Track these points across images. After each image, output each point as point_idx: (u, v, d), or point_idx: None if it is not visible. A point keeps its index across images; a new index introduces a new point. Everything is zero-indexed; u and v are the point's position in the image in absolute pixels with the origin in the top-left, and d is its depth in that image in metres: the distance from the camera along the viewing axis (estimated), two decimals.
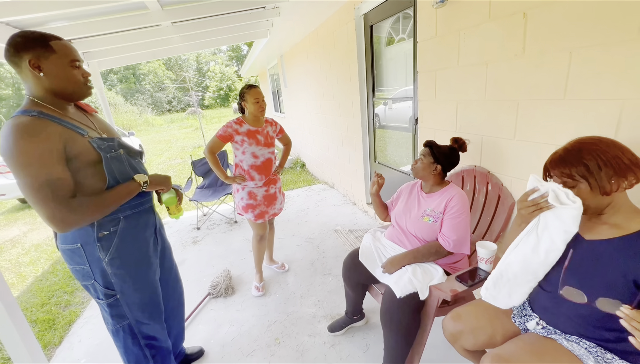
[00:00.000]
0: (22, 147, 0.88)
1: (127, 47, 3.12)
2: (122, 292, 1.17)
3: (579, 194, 0.85)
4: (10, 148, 0.88)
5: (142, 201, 1.23)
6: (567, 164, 0.88)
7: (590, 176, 0.84)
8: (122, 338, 1.24)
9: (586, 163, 0.84)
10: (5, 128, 0.90)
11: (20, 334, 1.55)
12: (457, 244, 1.42)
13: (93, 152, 1.03)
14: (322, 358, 1.66)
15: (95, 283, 1.12)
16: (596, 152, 0.84)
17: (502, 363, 0.94)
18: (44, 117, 0.95)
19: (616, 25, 1.04)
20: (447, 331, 1.19)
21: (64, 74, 1.00)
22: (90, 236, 1.07)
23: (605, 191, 0.84)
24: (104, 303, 1.16)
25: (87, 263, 1.09)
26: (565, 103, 1.23)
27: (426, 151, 1.49)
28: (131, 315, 1.21)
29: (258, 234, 2.22)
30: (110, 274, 1.12)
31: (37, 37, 0.96)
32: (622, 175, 0.82)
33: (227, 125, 2.01)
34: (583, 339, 0.93)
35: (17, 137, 0.88)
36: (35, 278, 2.92)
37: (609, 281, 0.85)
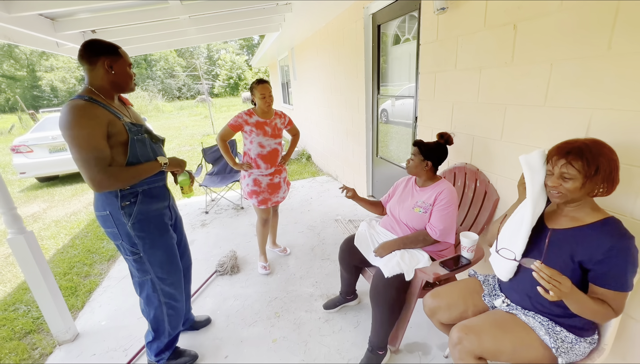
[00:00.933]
0: (79, 121, 1.14)
1: (145, 37, 3.28)
2: (144, 251, 1.39)
3: (570, 187, 0.95)
4: (69, 124, 1.13)
5: (156, 179, 1.45)
6: (583, 158, 0.92)
7: (593, 177, 0.92)
8: (145, 290, 1.47)
9: (599, 166, 0.91)
10: (65, 108, 1.14)
11: (52, 295, 1.77)
12: (442, 233, 1.57)
13: (125, 134, 1.27)
14: (317, 330, 1.84)
15: (123, 242, 1.36)
16: (609, 160, 0.92)
17: (467, 332, 1.10)
18: (94, 102, 1.20)
19: (590, 42, 1.16)
20: (427, 306, 1.36)
21: (125, 72, 1.31)
22: (115, 205, 1.30)
23: (593, 193, 0.97)
24: (130, 259, 1.39)
25: (115, 227, 1.33)
26: (545, 109, 1.36)
27: (415, 150, 1.63)
28: (152, 271, 1.44)
29: (262, 219, 2.40)
30: (133, 236, 1.35)
31: (110, 45, 1.27)
32: (610, 185, 0.94)
33: (238, 115, 2.18)
34: (538, 314, 1.09)
35: (76, 113, 1.14)
36: (57, 250, 3.16)
37: (561, 262, 1.00)
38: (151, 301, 1.48)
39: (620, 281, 0.93)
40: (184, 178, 1.60)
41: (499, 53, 1.54)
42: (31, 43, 2.52)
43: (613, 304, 0.95)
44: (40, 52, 26.26)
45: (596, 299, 0.96)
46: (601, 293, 0.96)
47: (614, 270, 0.93)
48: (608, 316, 0.96)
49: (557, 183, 0.98)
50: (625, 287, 0.94)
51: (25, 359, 1.77)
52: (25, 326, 2.03)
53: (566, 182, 0.96)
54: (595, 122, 1.19)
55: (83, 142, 1.13)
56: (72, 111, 1.14)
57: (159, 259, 1.43)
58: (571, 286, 0.91)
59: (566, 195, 0.98)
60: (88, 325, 2.01)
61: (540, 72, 1.36)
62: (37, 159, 5.44)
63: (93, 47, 1.24)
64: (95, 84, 1.26)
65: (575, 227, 1.01)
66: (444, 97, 2.00)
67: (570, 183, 0.95)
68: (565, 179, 0.96)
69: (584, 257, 0.97)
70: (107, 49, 1.25)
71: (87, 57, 1.23)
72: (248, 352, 1.72)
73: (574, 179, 0.94)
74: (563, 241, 1.02)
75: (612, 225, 0.96)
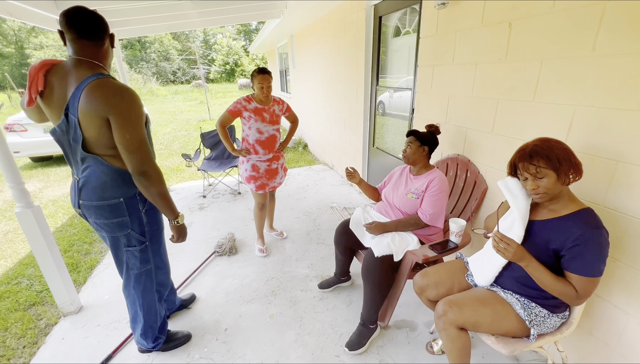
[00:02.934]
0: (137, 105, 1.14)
1: (145, 19, 3.26)
2: (151, 239, 1.39)
3: (546, 184, 1.05)
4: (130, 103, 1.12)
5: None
6: (541, 156, 1.03)
7: (560, 167, 1.02)
8: (143, 281, 1.44)
9: (557, 156, 1.03)
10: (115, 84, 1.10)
11: (58, 268, 1.84)
12: (432, 218, 1.68)
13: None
14: (312, 308, 1.95)
15: (132, 231, 1.32)
16: (562, 149, 1.04)
17: (452, 305, 1.21)
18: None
19: (577, 42, 1.24)
20: (416, 285, 1.47)
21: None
22: (132, 191, 1.27)
23: (567, 182, 1.06)
24: (137, 249, 1.36)
25: (127, 215, 1.28)
26: (534, 105, 1.45)
27: (411, 138, 1.74)
28: (153, 260, 1.44)
29: (259, 203, 2.48)
30: (145, 223, 1.35)
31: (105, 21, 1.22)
32: (576, 170, 1.04)
33: (237, 101, 2.24)
34: (516, 294, 1.20)
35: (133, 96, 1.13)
36: (56, 229, 3.20)
37: (538, 250, 1.11)
38: (147, 291, 1.47)
39: (585, 267, 1.01)
40: None
41: (494, 49, 1.62)
42: (31, 19, 2.50)
43: (577, 287, 1.03)
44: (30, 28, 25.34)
45: (561, 278, 1.06)
46: (569, 276, 1.06)
47: (581, 256, 1.02)
48: (570, 297, 1.04)
49: (535, 185, 1.07)
50: (591, 273, 1.01)
51: (32, 329, 1.84)
52: (29, 299, 2.10)
53: (542, 181, 1.05)
54: (577, 118, 1.28)
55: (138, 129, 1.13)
56: (128, 91, 1.12)
57: (159, 248, 1.45)
58: (522, 250, 1.08)
59: (547, 192, 1.07)
60: (91, 299, 2.09)
61: (531, 70, 1.44)
62: (31, 139, 5.38)
63: (102, 20, 1.16)
64: (102, 60, 1.18)
65: (553, 218, 1.11)
66: (441, 90, 2.08)
67: (545, 180, 1.04)
68: (540, 178, 1.05)
69: (558, 245, 1.06)
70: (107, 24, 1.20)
71: (96, 31, 1.14)
72: (246, 325, 1.83)
73: (547, 175, 1.03)
74: (541, 231, 1.13)
75: (586, 215, 1.05)
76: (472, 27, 1.74)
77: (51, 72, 1.13)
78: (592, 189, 1.26)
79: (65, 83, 1.11)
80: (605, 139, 1.19)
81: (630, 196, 1.14)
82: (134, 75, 23.21)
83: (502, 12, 1.54)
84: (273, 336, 1.75)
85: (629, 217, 1.16)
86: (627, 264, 1.19)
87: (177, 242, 1.40)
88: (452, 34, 1.89)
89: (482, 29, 1.68)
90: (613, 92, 1.15)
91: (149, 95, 20.49)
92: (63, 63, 1.15)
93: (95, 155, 1.17)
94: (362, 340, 1.65)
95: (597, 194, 1.25)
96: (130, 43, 28.00)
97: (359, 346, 1.64)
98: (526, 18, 1.43)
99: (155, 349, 1.62)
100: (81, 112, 1.08)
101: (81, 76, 1.10)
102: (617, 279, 1.22)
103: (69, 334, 1.80)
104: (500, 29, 1.57)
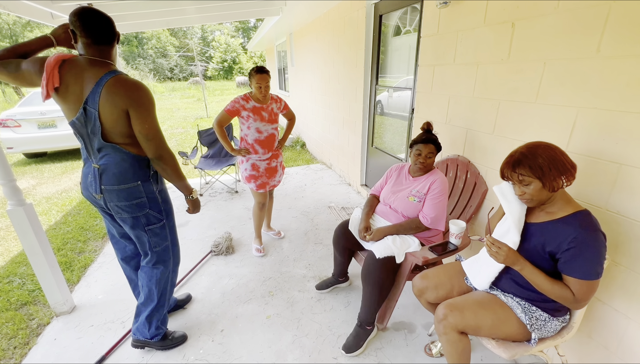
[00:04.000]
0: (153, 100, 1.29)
1: (142, 14, 3.20)
2: (167, 216, 1.51)
3: (531, 191, 1.05)
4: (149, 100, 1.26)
5: None
6: (524, 166, 1.03)
7: (543, 176, 1.02)
8: (162, 259, 1.55)
9: (540, 165, 1.02)
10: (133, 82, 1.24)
11: (50, 267, 1.80)
12: (434, 221, 1.66)
13: None
14: (309, 309, 1.93)
15: (150, 211, 1.43)
16: (547, 155, 1.02)
17: (452, 309, 1.19)
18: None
19: (581, 44, 1.23)
20: (416, 287, 1.45)
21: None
22: (147, 174, 1.39)
23: (553, 188, 1.04)
24: (157, 227, 1.48)
25: (144, 196, 1.40)
26: (536, 106, 1.44)
27: (432, 147, 1.66)
28: (170, 237, 1.56)
29: (260, 203, 2.45)
30: (160, 202, 1.46)
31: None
32: (564, 175, 1.03)
33: (235, 100, 2.20)
34: (516, 297, 1.19)
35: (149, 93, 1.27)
36: (49, 226, 3.15)
37: (535, 253, 1.10)
38: (167, 267, 1.57)
39: (582, 270, 1.00)
40: None
41: (496, 50, 1.60)
42: (25, 13, 2.45)
43: (574, 290, 1.02)
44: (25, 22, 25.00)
45: (557, 281, 1.05)
46: (566, 280, 1.04)
47: (577, 259, 1.00)
48: (569, 300, 1.03)
49: (521, 192, 1.09)
50: (587, 275, 0.99)
51: (23, 329, 1.80)
52: (21, 298, 2.06)
53: (527, 188, 1.06)
54: (580, 120, 1.27)
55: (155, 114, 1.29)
56: (144, 86, 1.26)
57: (173, 225, 1.57)
58: (514, 254, 1.09)
59: (533, 199, 1.08)
60: (85, 298, 2.06)
61: (534, 70, 1.43)
62: (25, 135, 5.31)
63: (113, 24, 1.27)
64: (114, 60, 1.31)
65: (549, 221, 1.10)
66: (441, 90, 2.06)
67: (531, 187, 1.05)
68: (525, 185, 1.06)
69: (553, 248, 1.05)
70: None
71: (111, 37, 1.27)
72: (243, 326, 1.80)
73: (531, 183, 1.04)
74: (537, 234, 1.11)
75: (581, 217, 1.04)
76: (474, 27, 1.72)
77: (65, 68, 1.21)
78: (594, 192, 1.25)
79: (82, 80, 1.21)
80: (609, 141, 1.18)
81: (632, 199, 1.13)
82: (131, 71, 23.04)
83: (505, 11, 1.53)
84: (270, 338, 1.73)
85: (630, 220, 1.15)
86: (628, 268, 1.18)
87: (193, 213, 1.59)
88: (454, 34, 1.87)
89: (484, 29, 1.66)
90: (617, 94, 1.13)
91: None
92: (76, 60, 1.23)
93: (113, 144, 1.29)
94: (359, 342, 1.64)
95: (599, 197, 1.23)
96: (127, 39, 27.73)
97: (356, 348, 1.62)
98: (529, 18, 1.42)
99: (153, 340, 1.60)
100: (102, 106, 1.20)
101: (98, 74, 1.21)
102: (618, 282, 1.22)
103: (61, 335, 1.77)
104: (503, 29, 1.55)
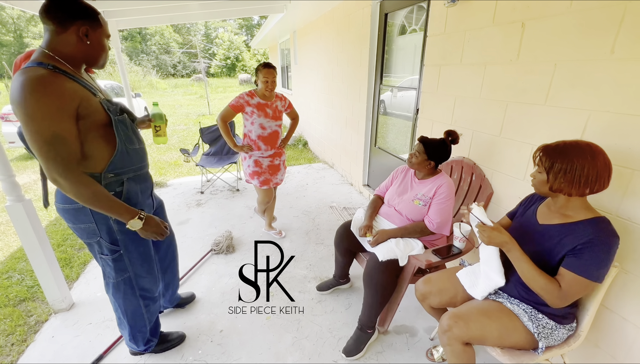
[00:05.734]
0: (36, 98, 0.87)
1: (146, 9, 3.18)
2: (125, 247, 1.23)
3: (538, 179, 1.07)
4: (22, 99, 0.87)
5: (142, 165, 1.27)
6: (547, 155, 1.02)
7: (551, 172, 1.01)
8: (122, 290, 1.32)
9: (554, 162, 1.00)
10: (19, 78, 0.89)
11: (49, 263, 1.78)
12: (439, 226, 1.63)
13: (103, 114, 1.06)
14: (310, 310, 1.91)
15: (101, 239, 1.18)
16: (578, 162, 0.97)
17: (457, 320, 1.16)
18: (59, 72, 0.96)
19: (593, 45, 1.19)
20: (419, 291, 1.42)
21: (102, 45, 1.09)
22: None
23: (554, 190, 1.03)
24: (109, 258, 1.22)
25: (93, 221, 1.13)
26: (545, 108, 1.41)
27: (420, 147, 1.62)
28: (132, 269, 1.29)
29: (264, 201, 2.44)
30: (116, 231, 1.18)
31: (90, 9, 1.04)
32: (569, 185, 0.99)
33: (240, 96, 2.19)
34: (523, 302, 1.16)
35: (30, 89, 0.88)
36: (49, 222, 3.14)
37: (548, 254, 1.07)
38: (129, 300, 1.35)
39: (584, 267, 0.97)
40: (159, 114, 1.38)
41: (505, 50, 1.57)
42: (22, 5, 2.43)
43: (564, 284, 0.99)
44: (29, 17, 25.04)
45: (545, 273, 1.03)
46: (561, 273, 1.02)
47: (583, 255, 0.98)
48: (551, 293, 1.01)
49: (533, 175, 1.10)
50: (587, 274, 0.97)
51: (21, 326, 1.79)
52: (19, 294, 2.05)
53: (537, 174, 1.07)
54: (591, 124, 1.24)
55: (42, 127, 0.88)
56: (28, 85, 0.87)
57: (141, 255, 1.29)
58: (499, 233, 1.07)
59: (534, 185, 1.10)
60: (83, 296, 2.04)
61: (544, 72, 1.39)
62: None
63: (70, 6, 0.99)
64: (62, 51, 1.00)
65: (564, 223, 1.07)
66: (447, 90, 2.03)
67: (540, 176, 1.06)
68: (539, 172, 1.07)
69: (567, 249, 1.02)
70: (87, 12, 1.02)
71: (58, 17, 0.98)
72: (242, 327, 1.78)
73: (542, 172, 1.05)
74: (552, 235, 1.08)
75: (601, 223, 1.01)
76: (482, 27, 1.69)
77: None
78: (605, 197, 1.22)
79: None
80: (621, 146, 1.15)
81: None
82: (134, 67, 23.03)
83: (515, 11, 1.49)
84: (269, 339, 1.70)
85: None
86: (638, 276, 1.15)
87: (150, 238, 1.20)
88: (461, 33, 1.84)
89: (493, 29, 1.63)
90: (632, 97, 1.10)
91: (149, 88, 20.32)
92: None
93: None
94: (359, 345, 1.61)
95: (611, 203, 1.20)
96: (130, 35, 27.74)
97: (356, 351, 1.60)
98: (540, 18, 1.38)
99: (147, 352, 1.58)
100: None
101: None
102: (628, 291, 1.18)
103: (59, 332, 1.75)
104: (512, 28, 1.52)
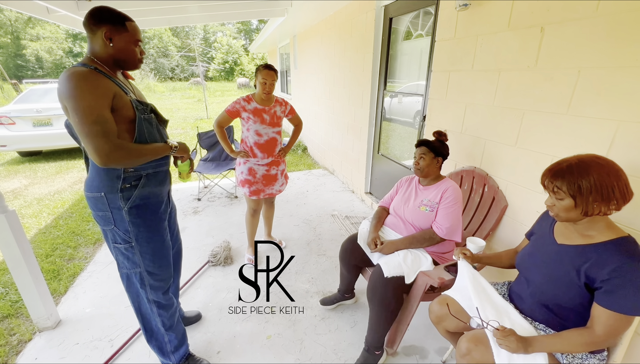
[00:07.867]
0: (82, 88, 1.04)
1: (145, 11, 3.10)
2: (136, 240, 1.28)
3: (562, 207, 0.95)
4: (71, 89, 1.03)
5: (162, 163, 1.36)
6: (564, 179, 0.93)
7: (580, 196, 0.91)
8: (133, 284, 1.36)
9: (579, 184, 0.90)
10: (65, 74, 1.05)
11: (34, 279, 1.66)
12: (449, 232, 1.53)
13: (131, 110, 1.17)
14: (313, 328, 1.79)
15: (115, 228, 1.25)
16: (597, 177, 0.89)
17: (477, 343, 1.06)
18: (97, 71, 1.11)
19: (622, 50, 1.12)
20: (433, 313, 1.32)
21: (127, 49, 1.20)
22: (114, 187, 1.20)
23: (586, 213, 0.92)
24: (121, 247, 1.29)
25: (109, 210, 1.22)
26: (568, 118, 1.32)
27: (424, 149, 1.59)
28: (143, 264, 1.32)
29: (251, 209, 2.33)
30: (128, 222, 1.25)
31: (117, 14, 1.16)
32: (606, 203, 0.90)
33: (236, 101, 2.09)
34: (549, 327, 1.06)
35: (78, 80, 1.04)
36: (39, 230, 3.00)
37: (567, 278, 0.98)
38: (139, 297, 1.37)
39: (621, 303, 0.88)
40: (185, 163, 1.53)
41: (522, 56, 1.49)
42: (20, 7, 2.34)
43: (603, 324, 0.90)
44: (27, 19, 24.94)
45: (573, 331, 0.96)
46: (597, 312, 0.92)
47: (618, 290, 0.88)
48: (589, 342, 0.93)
49: (551, 202, 0.99)
50: (625, 309, 0.88)
51: (2, 346, 1.66)
52: (2, 310, 1.91)
53: (559, 202, 0.96)
54: (621, 135, 1.15)
55: (88, 111, 1.04)
56: (73, 78, 1.04)
57: (152, 252, 1.32)
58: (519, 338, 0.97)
59: (559, 215, 0.98)
60: (71, 312, 1.91)
61: (566, 79, 1.31)
62: (19, 132, 5.16)
63: (98, 13, 1.14)
64: (96, 54, 1.17)
65: (585, 245, 0.98)
66: (457, 97, 1.95)
67: (562, 203, 0.95)
68: (559, 199, 0.96)
69: (591, 275, 0.93)
70: (112, 18, 1.15)
71: (89, 24, 1.14)
72: (241, 348, 1.66)
73: (564, 198, 0.94)
74: (571, 257, 0.99)
75: (625, 245, 0.92)
76: (496, 31, 1.61)
77: None
78: (632, 213, 1.13)
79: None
80: None
81: None
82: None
83: (534, 15, 1.41)
84: (270, 361, 1.59)
85: None
86: None
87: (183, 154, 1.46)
88: (473, 38, 1.76)
89: (508, 33, 1.55)
90: None
91: (146, 91, 20.17)
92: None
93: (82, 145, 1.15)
94: None
95: (638, 220, 1.11)
96: None
97: None
98: (562, 22, 1.30)
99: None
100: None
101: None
102: None
103: (43, 354, 1.62)
104: (530, 33, 1.44)
